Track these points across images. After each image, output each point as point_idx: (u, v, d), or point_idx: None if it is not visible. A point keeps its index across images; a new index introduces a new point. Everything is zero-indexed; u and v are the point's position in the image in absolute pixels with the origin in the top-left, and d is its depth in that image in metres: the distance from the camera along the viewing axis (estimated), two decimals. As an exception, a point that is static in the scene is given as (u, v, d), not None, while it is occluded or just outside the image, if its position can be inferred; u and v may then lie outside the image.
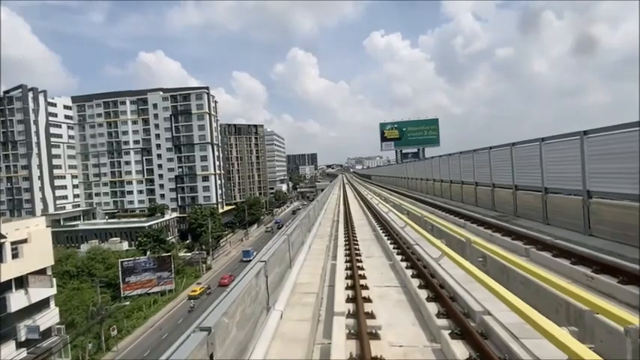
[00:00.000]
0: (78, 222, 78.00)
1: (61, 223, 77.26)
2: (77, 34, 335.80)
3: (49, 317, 30.20)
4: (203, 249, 62.74)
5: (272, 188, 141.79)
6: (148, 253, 57.19)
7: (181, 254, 63.24)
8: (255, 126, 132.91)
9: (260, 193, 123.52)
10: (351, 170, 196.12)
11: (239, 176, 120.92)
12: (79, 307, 40.68)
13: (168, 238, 68.06)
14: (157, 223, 70.76)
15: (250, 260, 4.93)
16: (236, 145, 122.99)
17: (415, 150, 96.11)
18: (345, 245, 9.93)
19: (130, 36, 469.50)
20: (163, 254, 51.94)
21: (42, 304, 29.63)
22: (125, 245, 64.31)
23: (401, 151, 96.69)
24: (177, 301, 47.25)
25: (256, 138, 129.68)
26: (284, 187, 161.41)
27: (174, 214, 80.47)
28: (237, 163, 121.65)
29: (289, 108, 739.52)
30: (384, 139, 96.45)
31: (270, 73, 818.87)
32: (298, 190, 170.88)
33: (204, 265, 57.55)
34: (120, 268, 47.36)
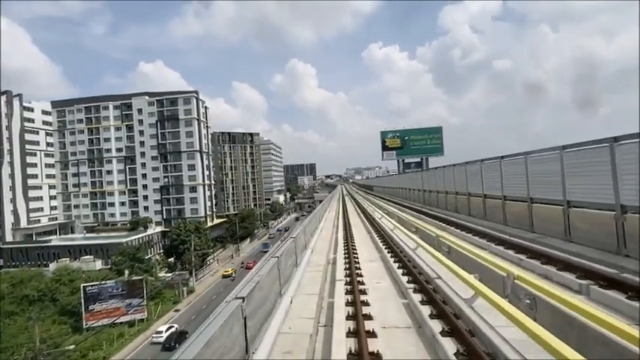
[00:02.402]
0: (53, 237, 71.21)
1: (34, 238, 70.66)
2: (78, 44, 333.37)
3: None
4: (186, 268, 56.01)
5: (268, 199, 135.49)
6: (127, 272, 50.49)
7: (162, 274, 56.47)
8: (251, 134, 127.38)
9: (255, 205, 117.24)
10: (351, 181, 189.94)
11: (233, 186, 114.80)
12: (25, 345, 34.04)
13: (149, 256, 61.27)
14: (138, 239, 64.05)
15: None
16: (230, 153, 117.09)
17: (418, 159, 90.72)
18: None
19: (130, 46, 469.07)
20: (135, 278, 45.20)
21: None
22: (99, 264, 57.58)
23: (403, 160, 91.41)
24: (149, 334, 40.29)
25: (252, 147, 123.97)
26: (281, 198, 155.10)
27: (159, 228, 73.79)
28: (232, 173, 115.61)
29: (289, 118, 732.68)
30: (385, 148, 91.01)
31: (270, 83, 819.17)
32: (296, 201, 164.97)
33: (184, 288, 50.68)
34: (82, 294, 40.61)
